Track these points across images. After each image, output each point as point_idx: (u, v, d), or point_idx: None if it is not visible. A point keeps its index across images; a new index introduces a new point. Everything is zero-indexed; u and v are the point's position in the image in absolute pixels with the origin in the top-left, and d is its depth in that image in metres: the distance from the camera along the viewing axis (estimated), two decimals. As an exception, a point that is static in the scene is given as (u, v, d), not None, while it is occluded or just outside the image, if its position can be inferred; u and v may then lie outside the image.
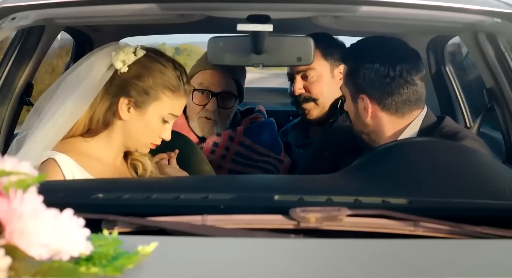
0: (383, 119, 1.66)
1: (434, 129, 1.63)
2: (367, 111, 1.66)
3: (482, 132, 2.24)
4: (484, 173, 1.27)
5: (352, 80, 1.69)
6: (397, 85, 1.64)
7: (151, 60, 1.52)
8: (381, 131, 1.68)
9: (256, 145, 2.11)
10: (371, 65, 1.65)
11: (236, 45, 1.56)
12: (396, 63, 1.64)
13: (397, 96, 1.64)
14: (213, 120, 2.09)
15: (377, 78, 1.64)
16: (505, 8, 1.48)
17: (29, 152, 1.46)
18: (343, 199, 1.06)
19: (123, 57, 1.49)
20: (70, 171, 1.45)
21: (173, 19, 1.69)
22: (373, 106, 1.66)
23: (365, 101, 1.66)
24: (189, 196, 1.09)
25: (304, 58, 1.58)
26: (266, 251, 0.88)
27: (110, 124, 1.52)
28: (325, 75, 2.15)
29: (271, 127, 2.19)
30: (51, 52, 2.18)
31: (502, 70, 1.90)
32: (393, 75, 1.63)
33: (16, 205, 0.63)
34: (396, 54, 1.68)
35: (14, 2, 1.46)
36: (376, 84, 1.65)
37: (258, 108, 2.28)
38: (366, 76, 1.65)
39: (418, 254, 0.88)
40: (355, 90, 1.69)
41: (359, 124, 1.71)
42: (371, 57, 1.66)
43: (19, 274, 0.64)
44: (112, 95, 1.50)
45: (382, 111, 1.66)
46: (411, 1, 1.42)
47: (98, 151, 1.53)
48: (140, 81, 1.50)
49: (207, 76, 2.07)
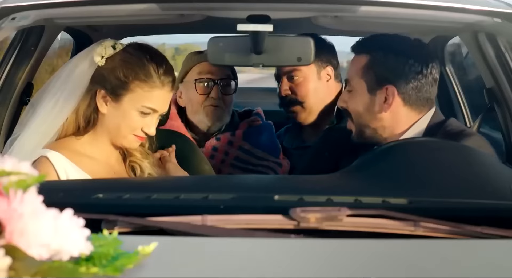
0: (400, 113, 1.66)
1: (439, 128, 1.64)
2: (389, 104, 1.65)
3: (482, 132, 2.24)
4: (484, 173, 1.27)
5: (376, 71, 1.66)
6: (426, 82, 1.66)
7: (127, 53, 1.54)
8: (392, 127, 1.67)
9: (255, 149, 2.11)
10: (404, 59, 1.64)
11: (236, 45, 1.55)
12: (427, 61, 1.66)
13: (423, 93, 1.66)
14: (219, 107, 2.08)
15: (410, 72, 1.64)
16: (505, 8, 1.48)
17: (19, 152, 1.47)
18: (343, 199, 1.06)
19: (101, 51, 1.52)
20: (63, 168, 1.47)
21: (173, 19, 1.69)
22: (397, 99, 1.65)
23: (390, 92, 1.64)
24: (189, 196, 1.09)
25: (304, 58, 1.58)
26: (266, 251, 0.88)
27: (93, 120, 1.54)
28: (311, 76, 2.15)
29: (269, 131, 2.19)
30: (51, 52, 2.18)
31: (502, 70, 1.90)
32: (425, 73, 1.65)
33: (16, 205, 0.63)
34: (425, 53, 1.70)
35: (14, 2, 1.46)
36: (407, 77, 1.64)
37: (256, 111, 2.28)
38: (396, 68, 1.64)
39: (418, 254, 0.88)
40: (377, 82, 1.66)
41: (369, 118, 1.68)
42: (400, 51, 1.66)
43: (19, 274, 0.64)
44: (90, 89, 1.53)
45: (404, 106, 1.66)
46: (411, 1, 1.42)
47: (89, 149, 1.55)
48: (113, 73, 1.51)
49: (204, 66, 2.08)
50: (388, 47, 1.68)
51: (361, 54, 1.70)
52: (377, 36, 1.75)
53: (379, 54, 1.66)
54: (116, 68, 1.52)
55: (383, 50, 1.67)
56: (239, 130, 2.13)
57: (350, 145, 1.77)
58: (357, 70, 1.69)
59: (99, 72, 1.52)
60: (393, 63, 1.65)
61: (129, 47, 1.55)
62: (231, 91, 2.11)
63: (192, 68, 2.10)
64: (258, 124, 2.20)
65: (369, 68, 1.67)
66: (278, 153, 2.15)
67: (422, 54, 1.68)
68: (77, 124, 1.54)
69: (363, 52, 1.70)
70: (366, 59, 1.68)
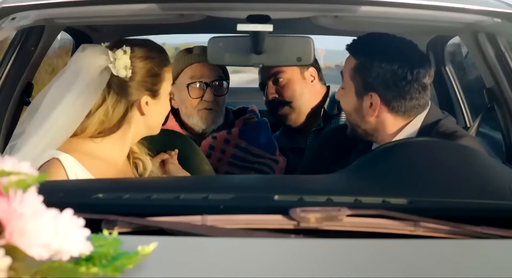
0: (387, 120, 1.63)
1: (432, 128, 1.61)
2: (374, 110, 1.62)
3: (482, 132, 2.24)
4: (484, 173, 1.27)
5: (363, 76, 1.63)
6: (412, 90, 1.60)
7: (139, 50, 1.53)
8: (381, 130, 1.65)
9: (251, 147, 2.12)
10: (388, 65, 1.59)
11: (236, 45, 1.56)
12: (414, 67, 1.60)
13: (409, 100, 1.60)
14: (213, 110, 2.10)
15: (393, 80, 1.59)
16: (505, 8, 1.48)
17: (28, 153, 1.45)
18: (343, 199, 1.06)
19: (122, 63, 1.49)
20: (74, 172, 1.44)
21: (173, 19, 1.70)
22: (382, 106, 1.61)
23: (374, 100, 1.61)
24: (189, 196, 1.09)
25: (304, 58, 1.58)
26: (266, 251, 0.88)
27: (125, 124, 1.52)
28: (296, 77, 2.19)
29: (265, 127, 2.21)
30: (51, 52, 2.18)
31: (502, 70, 1.90)
32: (410, 79, 1.59)
33: (16, 205, 0.63)
34: (412, 57, 1.63)
35: (14, 2, 1.46)
36: (390, 86, 1.60)
37: (251, 108, 2.29)
38: (380, 76, 1.59)
39: (418, 254, 0.88)
40: (364, 87, 1.63)
41: (358, 120, 1.67)
42: (387, 57, 1.60)
43: (19, 274, 0.64)
44: (126, 99, 1.51)
45: (390, 113, 1.62)
46: (411, 1, 1.42)
47: (107, 152, 1.52)
48: (148, 74, 1.52)
49: (196, 69, 2.09)
50: (377, 53, 1.63)
51: (352, 55, 1.68)
52: (369, 38, 1.70)
53: (367, 60, 1.62)
54: (150, 69, 1.52)
55: (371, 56, 1.63)
56: (235, 128, 2.14)
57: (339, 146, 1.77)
58: (348, 71, 1.67)
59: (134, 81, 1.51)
60: (378, 71, 1.60)
61: (135, 46, 1.53)
62: (224, 92, 2.12)
63: (183, 70, 2.10)
64: (253, 121, 2.21)
65: (357, 72, 1.64)
66: (274, 149, 2.16)
67: (412, 61, 1.62)
68: (99, 128, 1.50)
69: (354, 54, 1.67)
70: (355, 62, 1.65)
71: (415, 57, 1.65)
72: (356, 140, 1.76)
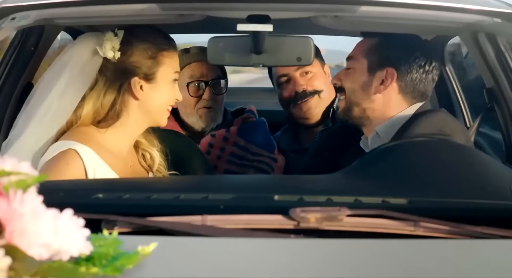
0: (391, 99, 1.69)
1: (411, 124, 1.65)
2: (385, 86, 1.68)
3: (482, 132, 2.24)
4: (484, 173, 1.27)
5: (382, 52, 1.70)
6: (426, 79, 1.69)
7: (131, 34, 1.53)
8: (381, 110, 1.69)
9: (250, 145, 2.13)
10: (411, 50, 1.69)
11: (236, 45, 1.56)
12: (432, 61, 1.70)
13: (419, 86, 1.69)
14: (212, 108, 2.12)
15: (414, 63, 1.68)
16: (505, 8, 1.48)
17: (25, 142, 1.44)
18: (343, 199, 1.06)
19: (110, 44, 1.50)
20: (92, 165, 1.42)
21: (173, 19, 1.69)
22: (394, 84, 1.68)
23: (390, 75, 1.68)
24: (189, 196, 1.09)
25: (304, 58, 1.58)
26: (266, 251, 0.88)
27: (123, 111, 1.51)
28: (320, 71, 2.25)
29: (263, 127, 2.22)
30: (51, 52, 2.18)
31: (502, 70, 1.90)
32: (427, 69, 1.69)
33: (16, 205, 0.63)
34: (431, 54, 1.73)
35: (14, 2, 1.45)
36: (410, 68, 1.68)
37: (249, 108, 2.31)
38: (403, 56, 1.68)
39: (418, 254, 0.88)
40: (379, 62, 1.70)
41: (362, 97, 1.71)
42: (412, 45, 1.71)
43: (19, 274, 0.64)
44: (117, 82, 1.50)
45: (398, 94, 1.69)
46: (411, 1, 1.42)
47: (113, 142, 1.51)
48: (139, 56, 1.51)
49: (195, 68, 2.12)
50: (398, 36, 1.73)
51: (370, 37, 1.75)
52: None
53: (389, 39, 1.71)
54: (139, 51, 1.51)
55: (393, 37, 1.72)
56: (233, 127, 2.16)
57: (347, 146, 1.78)
58: (361, 51, 1.74)
59: (121, 63, 1.50)
60: (400, 50, 1.69)
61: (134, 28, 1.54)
62: (223, 90, 2.15)
63: (182, 70, 2.11)
64: (251, 120, 2.22)
65: (375, 49, 1.72)
66: (273, 148, 2.17)
67: (428, 53, 1.72)
68: (94, 118, 1.50)
69: (373, 36, 1.75)
70: (375, 41, 1.73)
71: (431, 53, 1.74)
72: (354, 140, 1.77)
